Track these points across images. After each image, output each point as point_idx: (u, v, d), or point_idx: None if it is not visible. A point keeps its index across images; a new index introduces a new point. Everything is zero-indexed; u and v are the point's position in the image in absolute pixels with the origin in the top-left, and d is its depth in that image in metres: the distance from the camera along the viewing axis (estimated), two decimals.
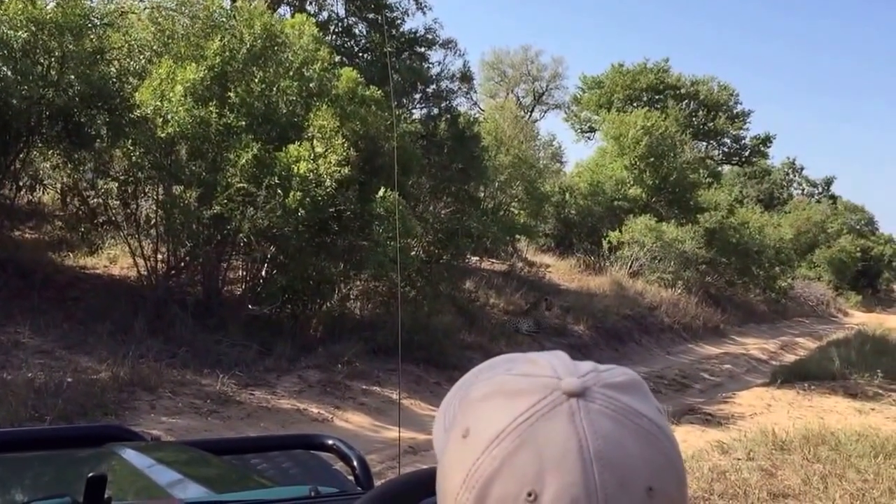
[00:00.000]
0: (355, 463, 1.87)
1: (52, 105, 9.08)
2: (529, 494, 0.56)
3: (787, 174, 49.77)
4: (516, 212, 20.51)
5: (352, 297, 11.93)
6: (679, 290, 20.93)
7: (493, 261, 18.71)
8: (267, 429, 7.43)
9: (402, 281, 12.23)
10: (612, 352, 15.04)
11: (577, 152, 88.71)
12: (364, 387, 9.26)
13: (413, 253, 13.03)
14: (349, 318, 11.29)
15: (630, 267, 20.92)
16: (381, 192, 10.16)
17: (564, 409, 0.59)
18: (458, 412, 0.65)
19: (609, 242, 21.08)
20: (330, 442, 1.99)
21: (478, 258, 17.77)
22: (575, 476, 0.56)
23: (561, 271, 19.94)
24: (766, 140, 37.57)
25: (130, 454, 1.73)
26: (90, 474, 1.27)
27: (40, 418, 6.14)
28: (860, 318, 34.51)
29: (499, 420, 0.59)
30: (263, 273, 10.76)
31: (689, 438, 8.96)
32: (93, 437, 1.91)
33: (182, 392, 7.62)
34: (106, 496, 1.27)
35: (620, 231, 21.29)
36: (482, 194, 19.62)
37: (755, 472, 6.50)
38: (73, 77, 9.20)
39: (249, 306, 10.47)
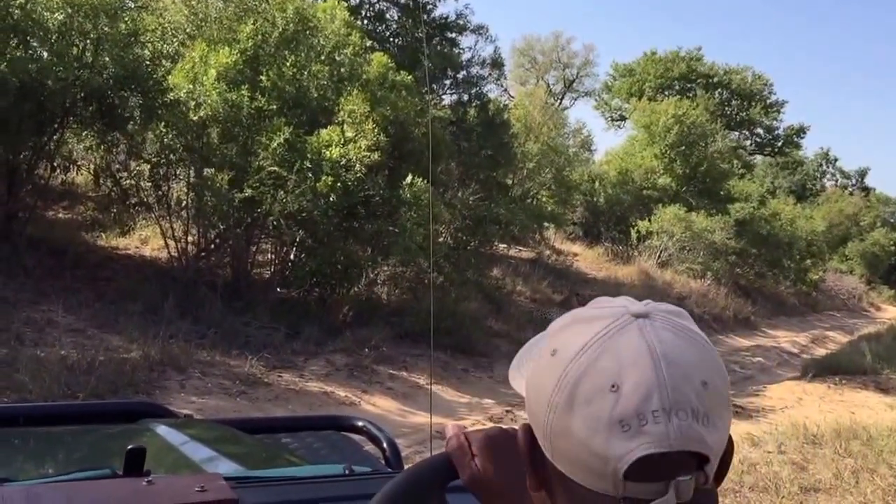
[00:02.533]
0: (385, 444, 1.89)
1: (86, 86, 9.17)
2: (613, 386, 0.69)
3: (821, 165, 49.02)
4: (544, 199, 20.45)
5: (379, 282, 11.96)
6: (708, 281, 20.76)
7: (521, 248, 18.67)
8: (295, 411, 7.49)
9: (430, 267, 12.25)
10: None
11: (607, 141, 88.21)
12: (391, 371, 9.30)
13: (441, 239, 13.07)
14: (376, 303, 11.33)
15: (658, 257, 20.77)
16: (409, 178, 10.16)
17: (634, 326, 0.72)
18: (542, 343, 0.78)
19: (638, 232, 20.93)
20: (360, 423, 2.02)
21: (505, 245, 17.74)
22: (648, 371, 0.69)
23: (588, 260, 19.85)
24: (801, 131, 37.04)
25: (164, 430, 1.75)
26: (130, 446, 1.28)
27: (73, 395, 6.24)
28: (893, 313, 34.02)
29: (581, 338, 0.72)
30: (292, 256, 10.82)
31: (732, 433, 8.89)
32: (127, 413, 1.93)
33: (211, 373, 7.70)
34: (144, 469, 1.28)
35: (649, 220, 21.13)
36: (510, 181, 19.60)
37: (786, 466, 6.45)
38: (107, 59, 9.29)
39: (278, 289, 10.54)
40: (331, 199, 9.48)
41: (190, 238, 10.31)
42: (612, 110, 34.37)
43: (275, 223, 9.92)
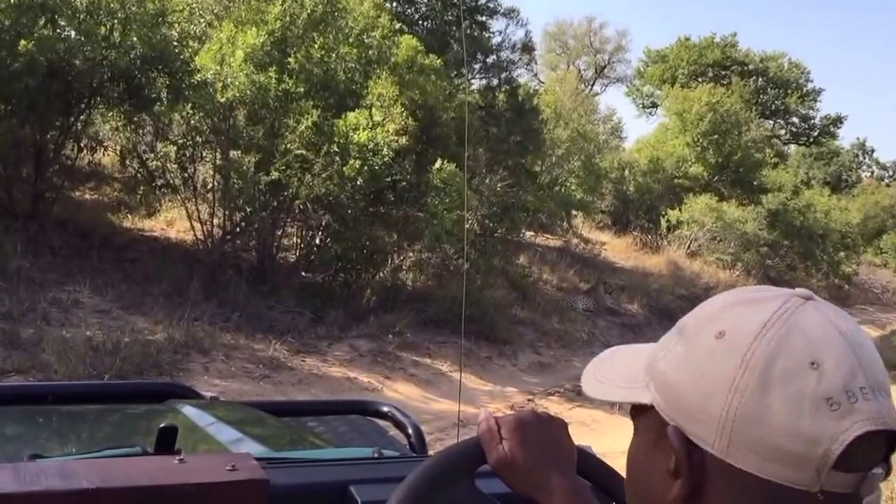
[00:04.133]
0: (410, 430, 1.90)
1: (113, 67, 9.21)
2: (812, 363, 0.65)
3: (857, 156, 48.27)
4: (573, 187, 20.33)
5: (404, 268, 11.97)
6: (738, 272, 20.55)
7: (548, 236, 18.59)
8: (318, 395, 7.52)
9: (455, 253, 12.23)
10: (665, 331, 14.79)
11: (638, 128, 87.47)
12: (414, 358, 9.31)
13: (467, 226, 13.02)
14: (401, 289, 11.33)
15: (688, 247, 20.59)
16: (437, 164, 10.12)
17: (810, 306, 0.69)
18: (690, 326, 0.72)
19: (668, 221, 20.75)
20: (385, 409, 2.03)
21: (532, 233, 17.67)
22: (844, 348, 0.66)
23: (617, 249, 19.74)
24: (837, 120, 36.44)
25: (191, 411, 1.77)
26: (161, 424, 1.29)
27: (98, 376, 6.30)
28: None
29: (757, 317, 0.68)
30: (318, 241, 10.84)
31: None
32: (153, 394, 1.95)
33: (235, 356, 7.75)
34: (175, 448, 1.30)
35: (680, 210, 20.94)
36: (539, 168, 19.49)
37: None
38: (135, 39, 9.32)
39: (303, 273, 10.57)
40: (357, 183, 9.47)
41: (216, 221, 10.36)
42: (643, 97, 34.04)
43: (301, 207, 9.94)
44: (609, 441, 7.64)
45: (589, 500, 0.92)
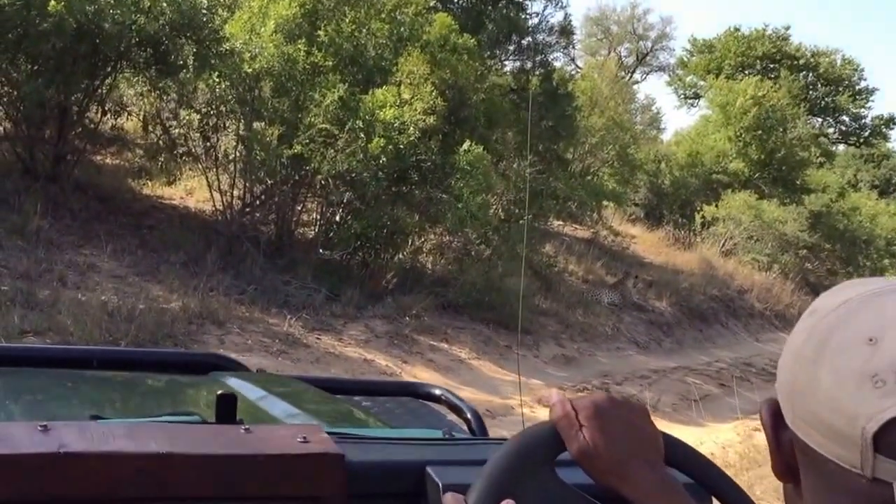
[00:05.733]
0: (468, 414, 1.89)
1: (142, 32, 9.46)
2: (870, 339, 0.65)
3: None
4: (606, 177, 20.37)
5: (425, 250, 12.16)
6: (774, 275, 20.51)
7: (577, 226, 18.69)
8: (338, 375, 7.75)
9: (478, 238, 12.40)
10: (695, 332, 14.95)
11: (677, 120, 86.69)
12: (432, 343, 9.51)
13: (492, 211, 13.18)
14: (420, 271, 11.53)
15: (723, 245, 20.57)
16: (465, 145, 10.29)
17: None
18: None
19: (703, 217, 20.74)
20: (438, 392, 2.04)
21: (561, 222, 17.78)
22: None
23: (647, 244, 19.78)
24: (890, 121, 35.99)
25: (237, 383, 1.75)
26: (219, 392, 1.29)
27: (114, 342, 6.57)
28: None
29: (844, 295, 0.70)
30: (338, 218, 11.06)
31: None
32: (198, 365, 1.99)
33: (250, 329, 7.99)
34: (236, 417, 1.29)
35: (716, 206, 20.91)
36: (571, 156, 19.56)
37: None
38: (164, 5, 9.55)
39: (321, 250, 10.80)
40: (381, 161, 9.67)
41: (236, 192, 10.61)
42: (685, 87, 33.87)
43: (322, 182, 10.16)
44: None
45: (682, 496, 0.89)
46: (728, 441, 7.33)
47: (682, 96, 34.27)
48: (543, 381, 9.36)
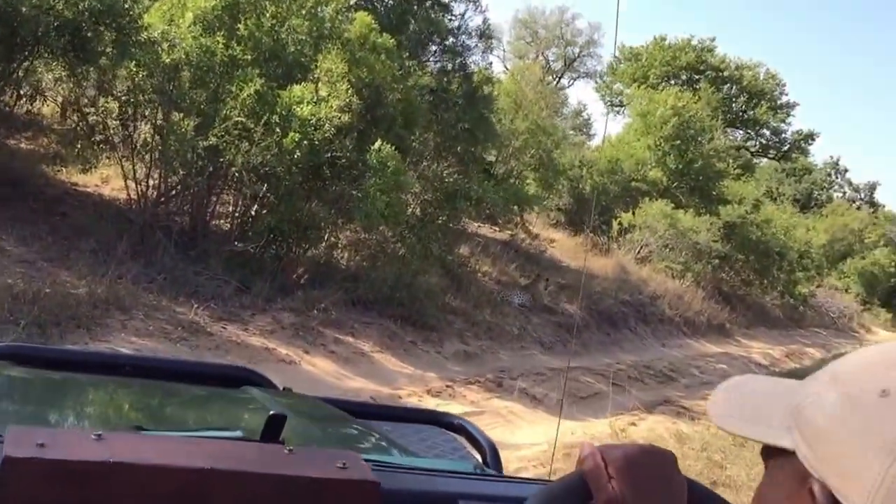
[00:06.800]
0: (485, 446, 1.92)
1: (60, 16, 9.65)
2: None
3: (829, 175, 49.82)
4: (529, 181, 21.01)
5: (340, 246, 12.58)
6: (687, 283, 21.43)
7: (496, 229, 19.28)
8: (234, 362, 8.13)
9: (393, 236, 12.88)
10: (602, 335, 15.67)
11: (608, 126, 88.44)
12: (337, 335, 9.95)
13: (410, 210, 13.67)
14: (334, 266, 11.95)
15: (638, 252, 21.42)
16: (377, 144, 10.74)
17: None
18: (848, 376, 0.74)
19: (620, 224, 21.55)
20: (457, 422, 2.09)
21: (480, 224, 18.36)
22: None
23: (566, 248, 20.48)
24: (809, 136, 37.76)
25: (269, 401, 1.78)
26: (272, 412, 1.33)
27: (14, 322, 6.84)
28: (883, 337, 34.95)
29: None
30: (253, 211, 11.41)
31: (657, 427, 9.65)
32: (229, 378, 2.03)
33: (155, 316, 8.32)
34: (280, 437, 1.34)
35: (633, 213, 21.75)
36: (494, 159, 20.14)
37: (703, 462, 7.15)
38: None
39: (236, 243, 11.13)
40: (296, 155, 10.07)
41: (151, 182, 10.87)
42: (612, 94, 34.94)
43: (237, 175, 10.50)
44: (526, 433, 8.39)
45: None
46: (599, 433, 7.96)
47: (609, 103, 35.34)
48: (439, 375, 9.88)
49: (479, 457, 1.95)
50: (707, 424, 9.84)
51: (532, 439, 7.49)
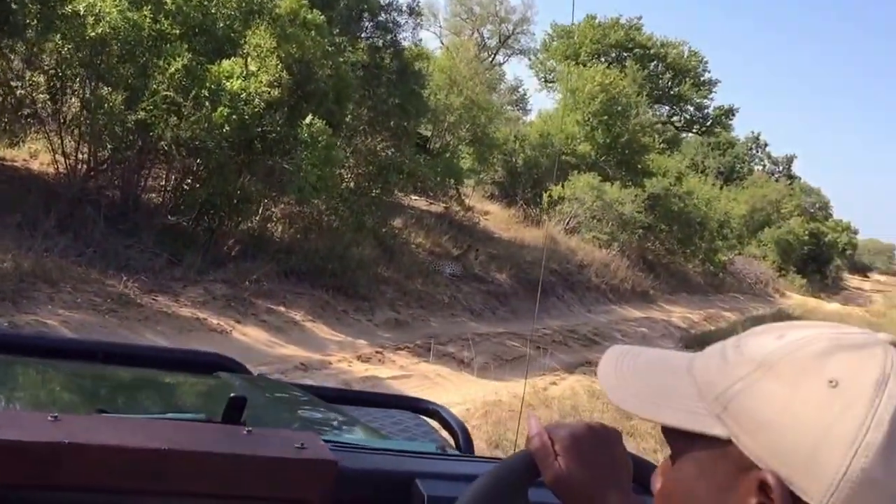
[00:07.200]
0: (457, 430, 1.93)
1: None
2: None
3: (751, 149, 50.93)
4: (464, 155, 21.06)
5: (274, 219, 12.45)
6: (613, 252, 21.75)
7: (431, 202, 19.29)
8: (164, 333, 8.03)
9: (327, 209, 12.80)
10: (530, 303, 15.83)
11: (544, 102, 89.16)
12: (269, 306, 9.88)
13: (344, 184, 13.59)
14: (268, 239, 11.83)
15: (567, 223, 21.66)
16: (308, 119, 10.62)
17: None
18: (785, 364, 0.71)
19: (550, 196, 21.74)
20: (432, 408, 2.08)
21: (416, 197, 18.35)
22: None
23: (499, 220, 20.62)
24: (729, 112, 38.52)
25: (243, 386, 1.77)
26: (232, 394, 1.32)
27: None
28: (796, 301, 36.05)
29: (869, 368, 0.69)
30: (185, 185, 11.21)
31: (575, 386, 9.81)
32: (203, 364, 2.00)
33: (83, 289, 8.14)
34: (242, 418, 1.32)
35: (563, 186, 21.96)
36: (430, 134, 20.11)
37: (612, 413, 7.33)
38: None
39: (168, 216, 10.94)
40: (225, 130, 9.91)
41: (80, 156, 10.59)
42: (546, 71, 35.12)
43: (167, 149, 10.29)
44: (451, 395, 8.46)
45: None
46: (519, 392, 8.09)
47: (543, 80, 35.50)
48: (369, 342, 9.90)
49: (451, 440, 1.95)
50: None
51: (455, 400, 7.56)
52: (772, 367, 0.70)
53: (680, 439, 0.75)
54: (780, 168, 53.44)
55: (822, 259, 50.37)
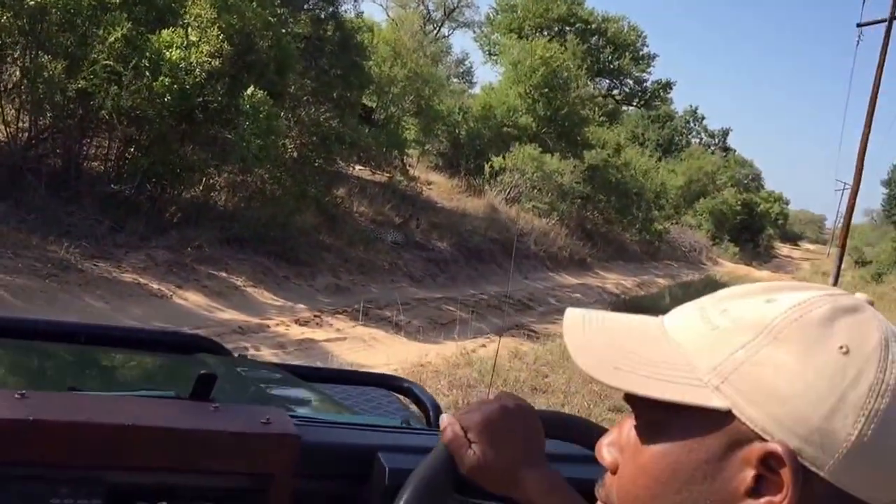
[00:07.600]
0: (429, 406, 1.94)
1: None
2: None
3: (688, 122, 51.75)
4: (408, 126, 21.09)
5: (218, 187, 12.43)
6: (553, 221, 22.09)
7: (375, 172, 19.33)
8: (103, 297, 8.05)
9: (270, 178, 12.80)
10: (470, 270, 16.07)
11: (489, 75, 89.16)
12: (211, 271, 9.92)
13: (287, 154, 13.59)
14: (211, 207, 11.82)
15: (508, 193, 21.90)
16: (249, 90, 10.61)
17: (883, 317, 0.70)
18: (792, 330, 0.67)
19: (491, 167, 21.95)
20: (406, 385, 2.09)
21: (361, 167, 18.37)
22: None
23: (442, 190, 20.76)
24: (667, 86, 39.04)
25: (221, 366, 1.78)
26: (201, 371, 1.31)
27: None
28: (727, 269, 37.00)
29: (871, 334, 0.66)
30: (127, 154, 11.13)
31: (502, 349, 10.06)
32: (183, 345, 2.01)
33: (24, 255, 8.11)
34: (211, 396, 1.32)
35: (504, 157, 22.17)
36: (375, 105, 20.09)
37: (529, 373, 7.60)
38: None
39: (111, 185, 10.86)
40: (166, 99, 9.86)
41: (21, 124, 10.44)
42: (491, 44, 35.13)
43: (107, 118, 10.21)
44: (383, 356, 8.63)
45: (564, 489, 0.93)
46: (451, 354, 8.32)
47: (488, 53, 35.54)
48: (309, 306, 10.02)
49: (423, 416, 1.96)
50: (543, 342, 10.32)
51: (387, 361, 7.74)
52: (777, 334, 0.66)
53: (659, 411, 0.69)
54: (717, 141, 54.42)
55: (754, 228, 51.67)
